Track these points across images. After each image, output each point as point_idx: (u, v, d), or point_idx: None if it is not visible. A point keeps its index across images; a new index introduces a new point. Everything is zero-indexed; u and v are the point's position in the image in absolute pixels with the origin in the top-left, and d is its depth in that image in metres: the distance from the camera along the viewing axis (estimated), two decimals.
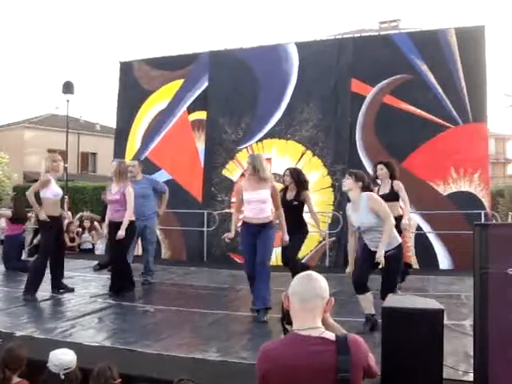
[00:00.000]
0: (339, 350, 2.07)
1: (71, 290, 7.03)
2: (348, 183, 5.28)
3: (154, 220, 8.08)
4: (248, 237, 5.92)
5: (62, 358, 3.37)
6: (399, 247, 5.18)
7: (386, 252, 5.00)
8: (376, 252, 5.00)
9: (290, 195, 7.15)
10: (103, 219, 8.02)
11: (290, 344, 2.15)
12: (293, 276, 7.24)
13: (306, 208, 7.25)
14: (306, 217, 7.32)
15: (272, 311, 5.75)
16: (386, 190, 6.96)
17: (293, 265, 7.04)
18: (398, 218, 6.46)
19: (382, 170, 7.01)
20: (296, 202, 7.07)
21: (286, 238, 6.27)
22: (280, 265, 7.62)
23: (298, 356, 2.09)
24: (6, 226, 9.78)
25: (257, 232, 5.86)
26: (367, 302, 5.20)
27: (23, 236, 9.99)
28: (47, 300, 6.66)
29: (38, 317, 5.73)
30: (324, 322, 2.21)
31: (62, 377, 3.31)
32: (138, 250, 8.69)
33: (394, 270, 5.17)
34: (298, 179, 7.16)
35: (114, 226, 6.85)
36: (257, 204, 5.86)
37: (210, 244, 10.85)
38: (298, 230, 7.00)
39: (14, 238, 9.45)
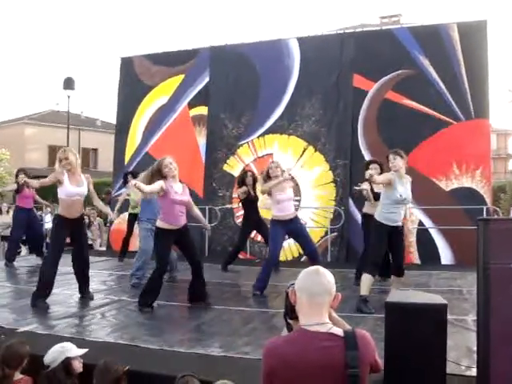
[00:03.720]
0: (348, 345, 2.07)
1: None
2: (399, 162, 5.85)
3: None
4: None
5: (50, 353, 3.43)
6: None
7: (398, 227, 5.89)
8: (395, 227, 5.85)
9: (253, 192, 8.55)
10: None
11: (297, 340, 2.13)
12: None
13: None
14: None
15: (275, 306, 5.76)
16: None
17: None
18: None
19: (377, 170, 7.51)
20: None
21: None
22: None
23: (306, 352, 2.07)
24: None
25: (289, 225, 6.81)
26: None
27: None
28: (49, 296, 6.65)
29: (40, 313, 5.71)
30: (328, 318, 2.20)
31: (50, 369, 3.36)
32: None
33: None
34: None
35: (179, 232, 5.97)
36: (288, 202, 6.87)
37: (211, 239, 10.84)
38: (262, 221, 8.58)
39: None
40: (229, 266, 8.84)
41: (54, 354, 3.47)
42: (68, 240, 6.40)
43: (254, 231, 9.35)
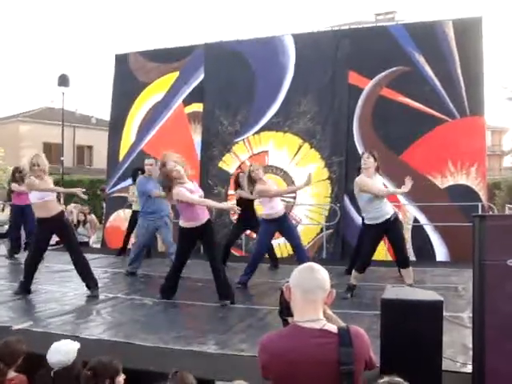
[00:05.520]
0: (342, 342, 2.06)
1: None
2: (370, 162, 6.21)
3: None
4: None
5: (59, 358, 3.30)
6: None
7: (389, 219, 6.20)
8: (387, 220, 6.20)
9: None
10: None
11: (291, 336, 2.13)
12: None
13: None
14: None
15: (271, 303, 5.75)
16: None
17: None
18: None
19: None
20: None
21: None
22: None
23: (299, 348, 2.07)
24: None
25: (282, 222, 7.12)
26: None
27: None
28: (44, 294, 6.64)
29: (35, 310, 5.71)
30: (323, 314, 2.20)
31: (52, 374, 3.26)
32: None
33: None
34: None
35: (201, 230, 6.16)
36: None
37: None
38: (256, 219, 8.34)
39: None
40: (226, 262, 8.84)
41: (71, 351, 3.35)
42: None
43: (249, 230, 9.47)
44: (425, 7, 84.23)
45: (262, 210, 7.44)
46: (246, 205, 8.47)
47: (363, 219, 6.68)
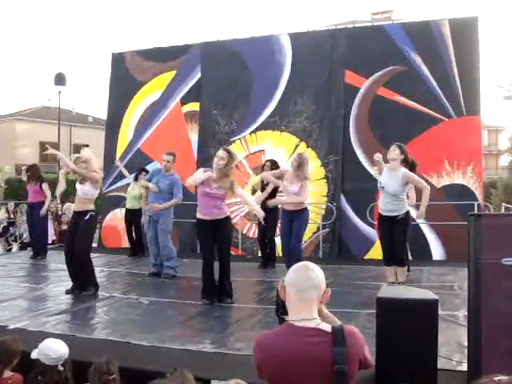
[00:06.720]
0: (335, 341, 2.05)
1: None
2: (395, 154, 6.32)
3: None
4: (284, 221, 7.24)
5: (59, 350, 3.32)
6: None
7: (392, 217, 6.25)
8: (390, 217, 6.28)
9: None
10: None
11: (285, 335, 2.13)
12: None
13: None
14: None
15: (267, 302, 5.76)
16: None
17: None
18: None
19: None
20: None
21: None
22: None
23: (293, 347, 2.07)
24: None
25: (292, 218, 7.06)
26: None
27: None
28: (40, 293, 6.63)
29: (31, 310, 5.69)
30: (319, 313, 2.20)
31: (61, 368, 3.27)
32: None
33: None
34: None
35: (213, 224, 6.02)
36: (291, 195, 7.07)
37: None
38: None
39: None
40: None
41: (65, 348, 3.39)
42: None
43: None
44: (421, 6, 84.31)
45: None
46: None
47: None
